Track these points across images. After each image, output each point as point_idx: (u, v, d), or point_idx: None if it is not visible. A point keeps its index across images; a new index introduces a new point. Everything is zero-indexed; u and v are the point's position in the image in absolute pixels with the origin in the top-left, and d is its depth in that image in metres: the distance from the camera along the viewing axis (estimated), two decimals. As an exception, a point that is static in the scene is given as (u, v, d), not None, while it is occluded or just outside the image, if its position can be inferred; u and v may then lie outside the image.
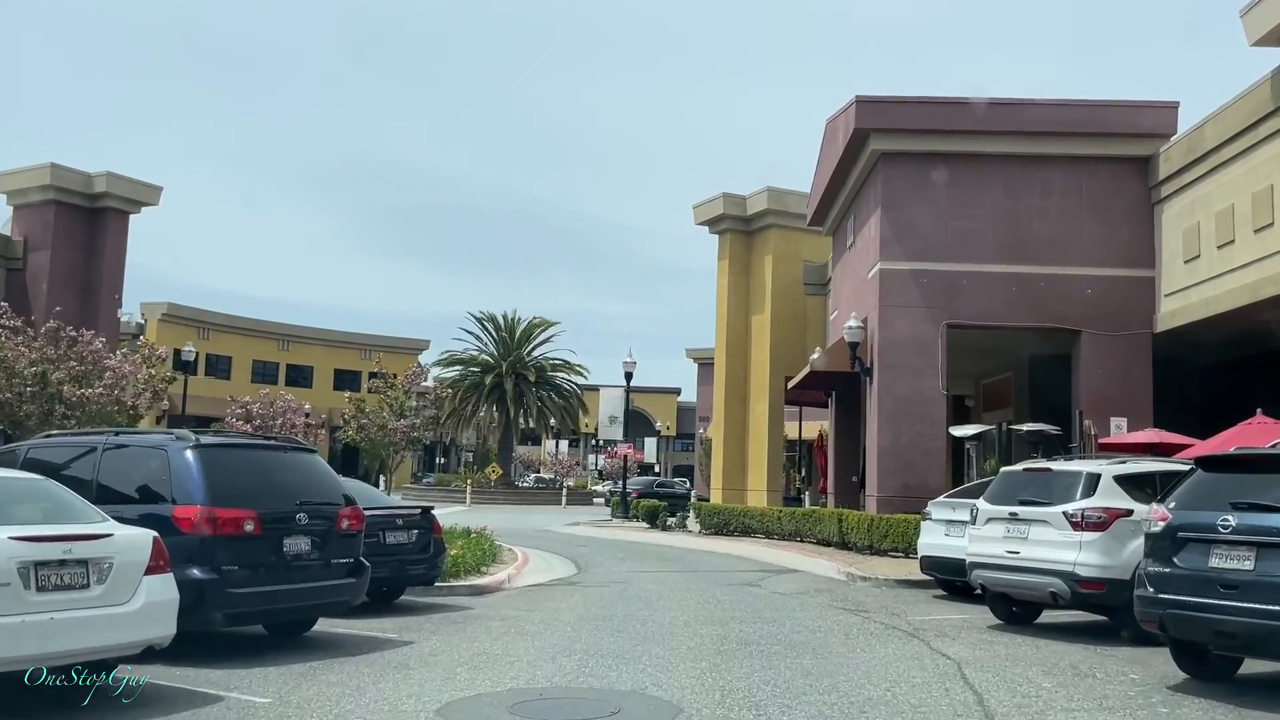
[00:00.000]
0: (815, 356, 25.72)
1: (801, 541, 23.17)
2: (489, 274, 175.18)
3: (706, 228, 34.25)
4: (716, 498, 32.80)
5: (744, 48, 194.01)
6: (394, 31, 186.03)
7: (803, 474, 34.74)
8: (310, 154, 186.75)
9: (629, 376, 33.69)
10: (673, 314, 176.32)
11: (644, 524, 28.96)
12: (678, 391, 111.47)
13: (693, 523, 26.86)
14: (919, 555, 14.36)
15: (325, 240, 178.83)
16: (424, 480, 61.99)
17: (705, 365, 74.24)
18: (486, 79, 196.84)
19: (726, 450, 32.80)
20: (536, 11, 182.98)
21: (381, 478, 57.04)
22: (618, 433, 33.83)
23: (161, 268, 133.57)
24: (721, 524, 25.59)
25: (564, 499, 47.48)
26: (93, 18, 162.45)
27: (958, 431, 19.94)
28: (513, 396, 50.19)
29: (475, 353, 52.99)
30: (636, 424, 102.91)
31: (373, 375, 31.38)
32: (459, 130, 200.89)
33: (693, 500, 34.03)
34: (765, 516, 24.43)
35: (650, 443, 71.18)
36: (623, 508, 33.25)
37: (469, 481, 47.28)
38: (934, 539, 13.93)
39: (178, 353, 63.35)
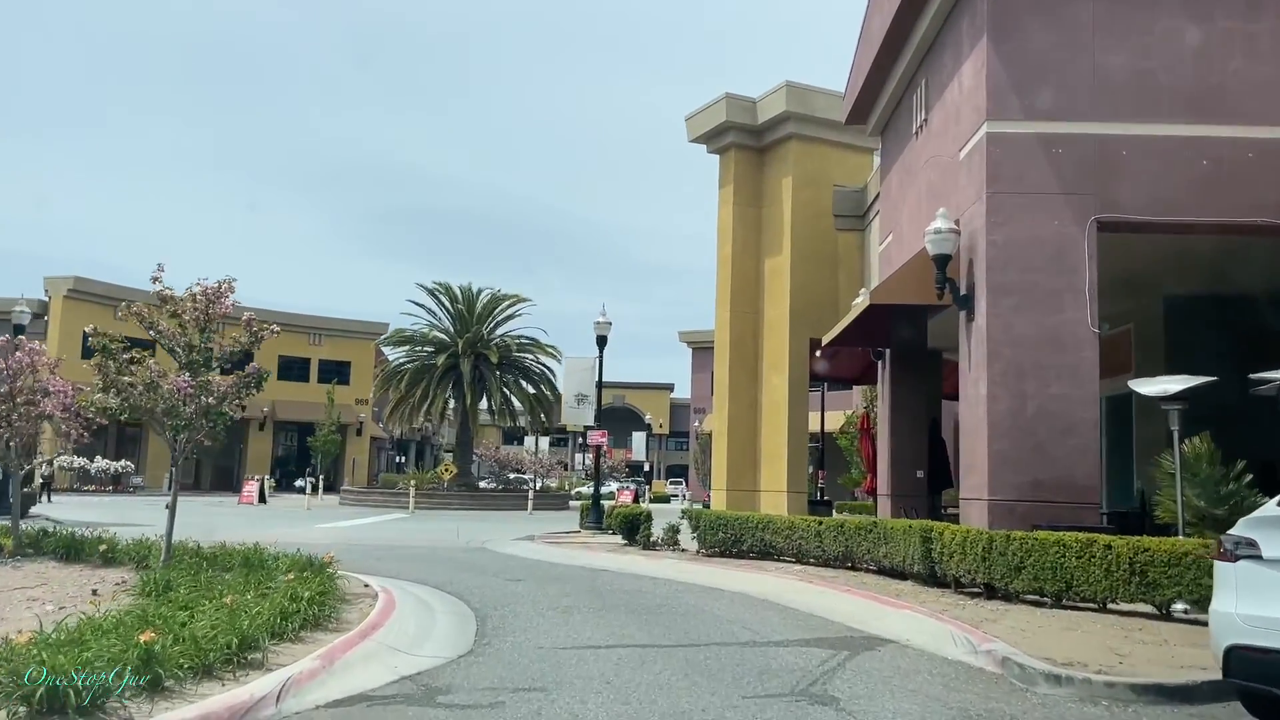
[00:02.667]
0: (869, 291, 17.69)
1: (855, 569, 15.15)
2: (484, 274, 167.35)
3: (704, 146, 26.09)
4: (720, 502, 24.64)
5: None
6: (391, 36, 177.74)
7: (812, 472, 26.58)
8: (306, 155, 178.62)
9: (602, 342, 25.51)
10: (669, 315, 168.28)
11: (619, 539, 20.79)
12: (670, 388, 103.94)
13: (688, 537, 18.72)
14: (1222, 643, 6.13)
15: (318, 241, 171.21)
16: (378, 482, 53.75)
17: (702, 350, 66.16)
18: (485, 81, 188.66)
19: (732, 439, 24.63)
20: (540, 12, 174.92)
21: (312, 479, 48.78)
22: (587, 415, 25.64)
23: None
24: (730, 541, 17.46)
25: (529, 503, 39.25)
26: (97, 22, 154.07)
27: (1145, 388, 11.74)
28: (470, 381, 41.88)
29: (426, 329, 44.62)
30: (626, 421, 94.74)
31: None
32: (454, 132, 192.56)
33: (686, 505, 25.48)
34: (797, 531, 16.29)
35: (639, 438, 62.86)
36: (594, 515, 25.08)
37: (414, 483, 38.98)
38: (1267, 605, 5.78)
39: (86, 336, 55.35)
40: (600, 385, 25.60)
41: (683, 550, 19.01)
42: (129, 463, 52.15)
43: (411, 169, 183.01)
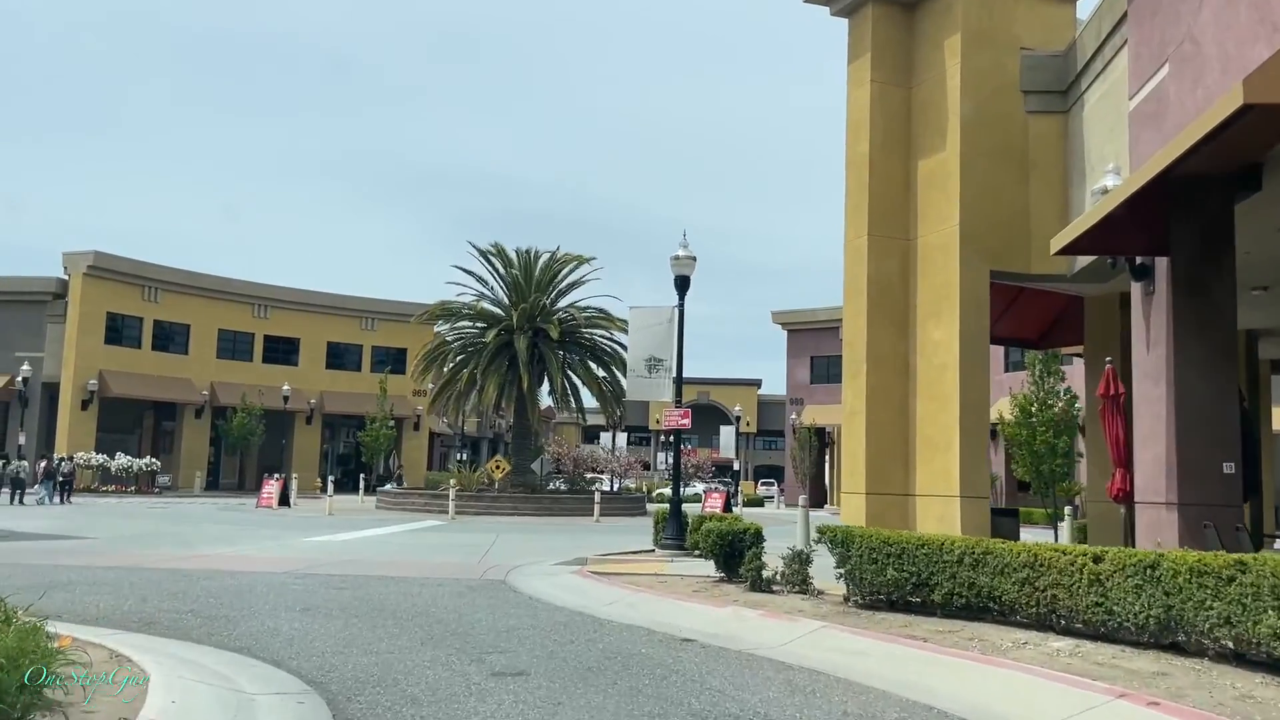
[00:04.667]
0: (1115, 171, 10.03)
1: (1185, 653, 7.43)
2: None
3: (825, 6, 18.42)
4: (854, 513, 16.94)
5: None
6: (474, 39, 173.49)
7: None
8: (391, 161, 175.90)
9: (682, 286, 18.14)
10: (756, 315, 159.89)
11: (711, 568, 13.37)
12: (758, 383, 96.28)
13: (826, 569, 11.24)
14: None
15: (404, 246, 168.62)
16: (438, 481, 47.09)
17: (798, 332, 58.20)
18: (569, 83, 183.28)
19: (873, 422, 16.92)
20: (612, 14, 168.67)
21: (365, 477, 42.20)
22: (662, 387, 18.15)
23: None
24: (908, 584, 9.97)
25: (596, 510, 31.94)
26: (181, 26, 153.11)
27: None
28: (528, 361, 34.77)
29: (475, 300, 37.60)
30: (710, 419, 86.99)
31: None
32: (537, 136, 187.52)
33: (781, 508, 17.52)
34: (1047, 570, 8.75)
35: (727, 433, 55.17)
36: (673, 528, 17.74)
37: (456, 484, 32.06)
38: None
39: (113, 318, 50.03)
40: (681, 346, 18.15)
41: (818, 594, 11.47)
42: (155, 460, 46.62)
43: (493, 172, 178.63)
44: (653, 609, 10.78)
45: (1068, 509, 27.10)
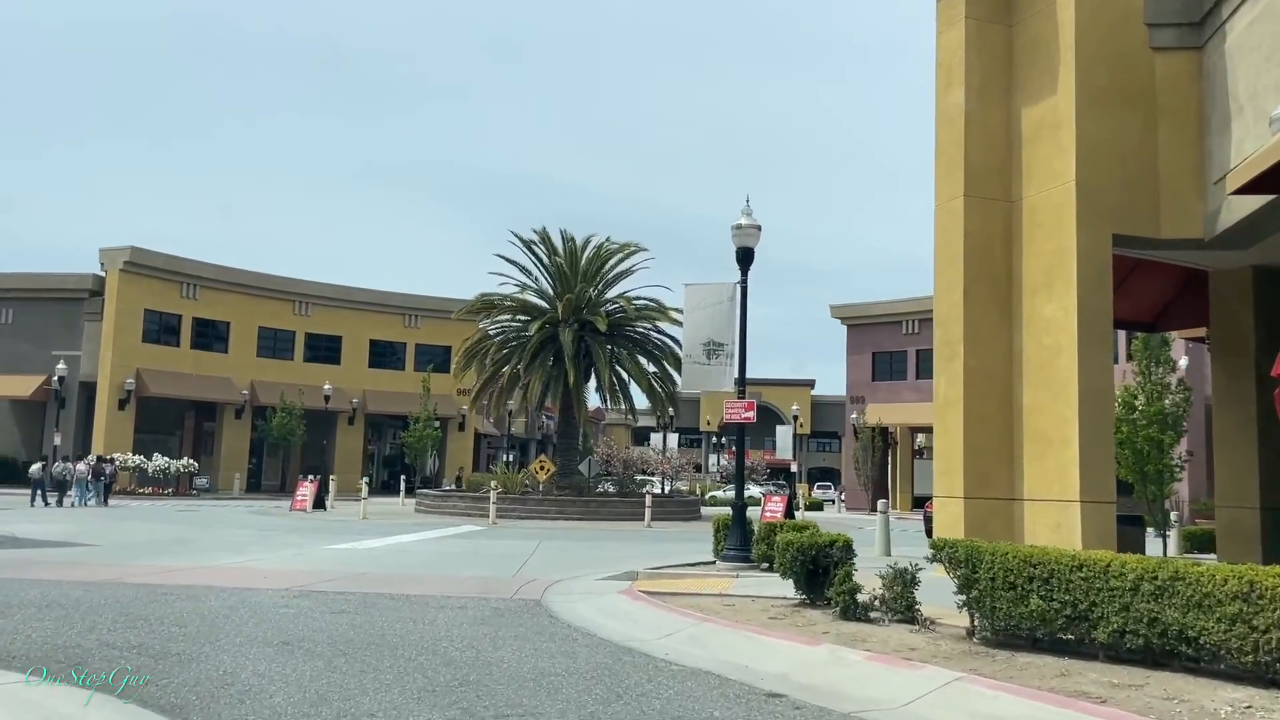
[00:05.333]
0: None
1: None
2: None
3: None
4: (952, 521, 14.42)
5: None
6: (531, 42, 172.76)
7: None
8: (443, 164, 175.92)
9: (745, 259, 15.83)
10: (806, 316, 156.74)
11: (790, 588, 11.05)
12: (811, 384, 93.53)
13: (944, 593, 8.90)
14: None
15: (448, 249, 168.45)
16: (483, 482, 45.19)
17: (859, 326, 55.33)
18: (620, 87, 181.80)
19: (971, 415, 14.39)
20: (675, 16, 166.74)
21: (406, 479, 40.27)
22: (723, 377, 15.78)
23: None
24: (1057, 617, 7.62)
25: (647, 514, 29.63)
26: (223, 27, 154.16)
27: None
28: (573, 355, 32.59)
29: (517, 291, 35.44)
30: (762, 418, 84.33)
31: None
32: (584, 139, 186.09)
33: (875, 518, 14.76)
34: (1273, 603, 6.22)
35: (784, 433, 52.57)
36: (736, 537, 15.42)
37: (496, 486, 29.99)
38: None
39: (150, 315, 48.83)
40: (744, 328, 15.81)
41: (928, 624, 9.11)
42: (193, 461, 45.25)
43: (540, 175, 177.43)
44: (722, 644, 8.49)
45: (1173, 515, 24.31)
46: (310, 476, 35.13)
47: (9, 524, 23.07)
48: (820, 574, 10.42)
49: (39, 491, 34.36)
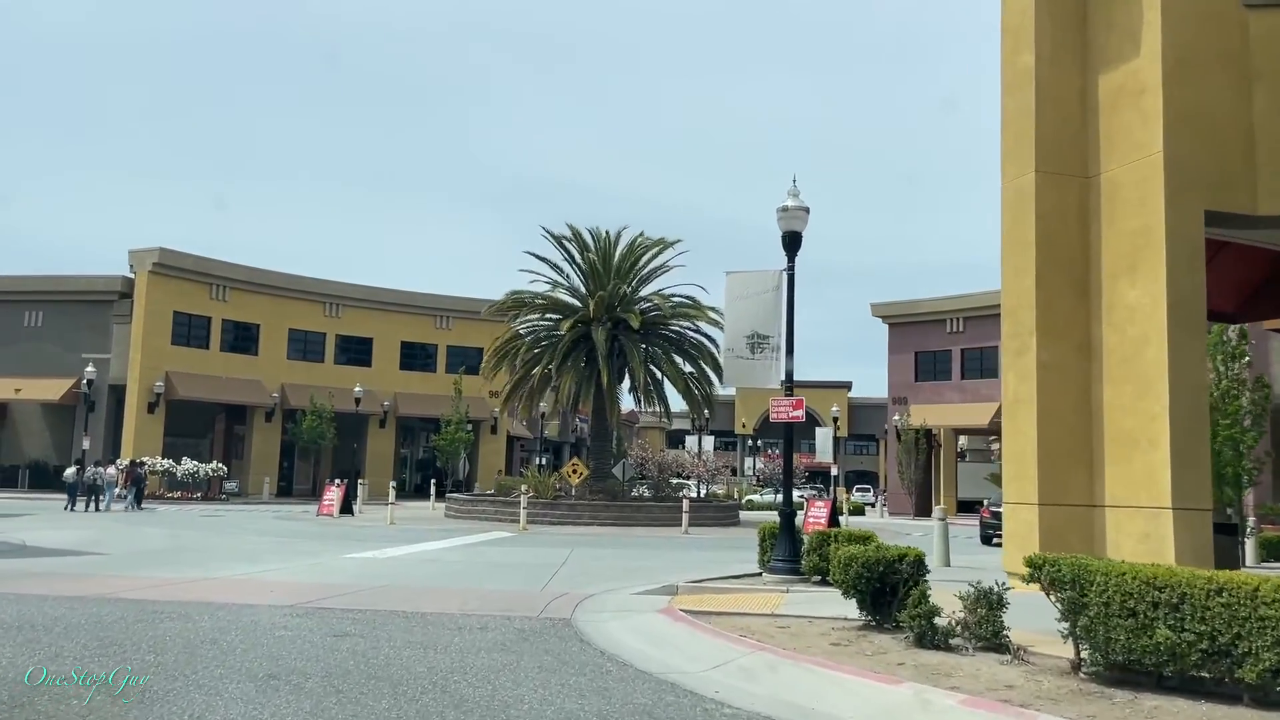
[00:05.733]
0: None
1: None
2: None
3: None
4: (1025, 529, 13.09)
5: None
6: (569, 48, 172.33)
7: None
8: (475, 168, 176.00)
9: (792, 244, 14.58)
10: (842, 318, 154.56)
11: (852, 608, 9.76)
12: (848, 386, 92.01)
13: (1031, 613, 7.58)
14: None
15: (489, 254, 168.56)
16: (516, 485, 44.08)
17: (901, 325, 53.67)
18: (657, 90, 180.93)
19: (1046, 413, 13.07)
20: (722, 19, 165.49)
21: (437, 483, 39.25)
22: (768, 372, 14.47)
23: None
24: (1202, 649, 6.20)
25: (684, 520, 28.35)
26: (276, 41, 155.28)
27: None
28: (606, 354, 31.41)
29: (548, 289, 34.32)
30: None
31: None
32: (625, 144, 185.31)
33: (933, 525, 13.37)
34: None
35: (823, 435, 50.91)
36: (785, 547, 14.14)
37: (527, 490, 28.90)
38: None
39: (180, 317, 48.25)
40: (792, 319, 14.53)
41: (1020, 653, 7.76)
42: (221, 465, 44.58)
43: (572, 180, 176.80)
44: (781, 680, 7.23)
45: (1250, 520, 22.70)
46: (337, 481, 34.22)
47: (26, 530, 22.31)
48: (887, 593, 9.13)
49: (73, 496, 33.82)
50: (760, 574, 14.23)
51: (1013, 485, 13.55)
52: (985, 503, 33.76)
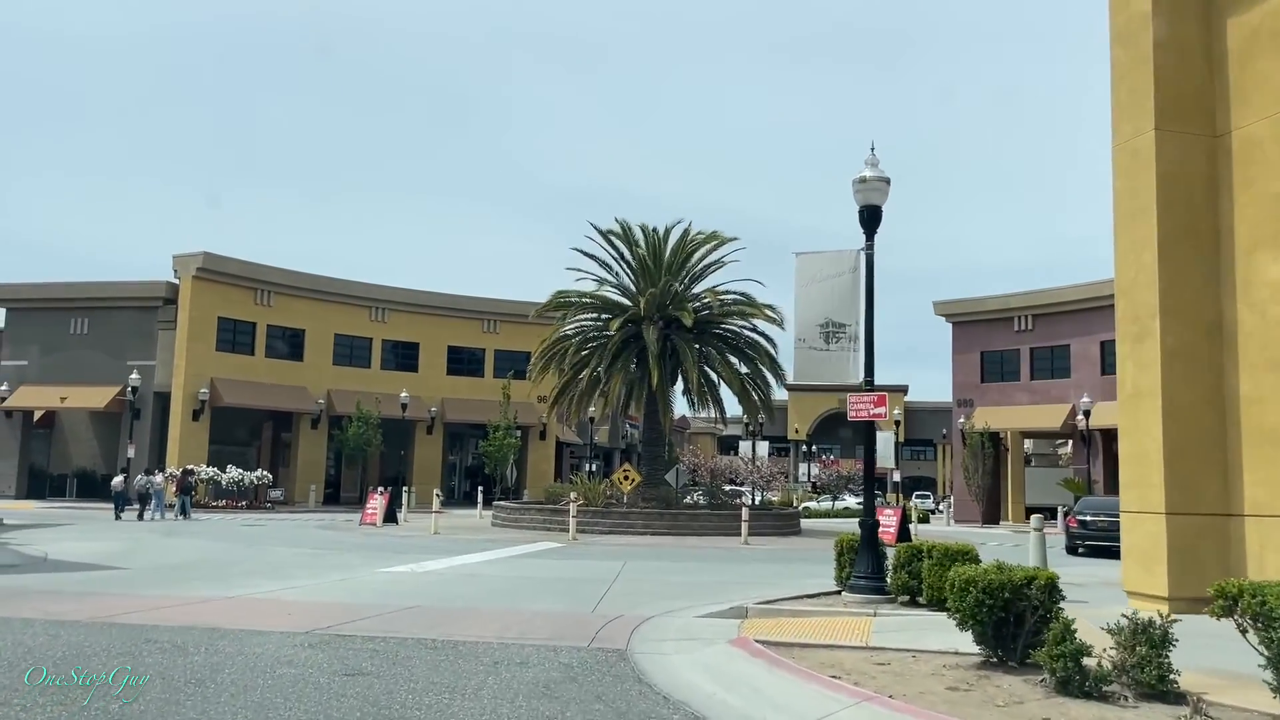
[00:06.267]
0: None
1: None
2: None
3: None
4: (1144, 538, 11.33)
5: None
6: (600, 51, 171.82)
7: None
8: (524, 176, 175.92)
9: (871, 219, 12.97)
10: (899, 322, 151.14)
11: (964, 642, 8.11)
12: (904, 389, 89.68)
13: (1188, 649, 5.89)
14: None
15: (537, 260, 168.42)
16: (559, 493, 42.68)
17: (965, 324, 51.37)
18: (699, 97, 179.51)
19: (1171, 409, 11.30)
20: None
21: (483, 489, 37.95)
22: (843, 365, 12.85)
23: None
24: None
25: (744, 529, 26.68)
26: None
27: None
28: (657, 355, 29.92)
29: (596, 287, 32.88)
30: (854, 425, 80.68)
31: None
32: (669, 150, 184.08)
33: (1030, 537, 11.52)
34: None
35: (885, 440, 48.94)
36: (867, 562, 12.49)
37: (577, 498, 27.48)
38: None
39: (224, 323, 47.66)
40: (871, 306, 12.90)
41: (1205, 710, 6.04)
42: (266, 473, 43.78)
43: (620, 186, 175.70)
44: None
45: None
46: (381, 489, 33.10)
47: (57, 541, 21.41)
48: (1011, 623, 7.50)
49: (120, 505, 33.19)
50: (839, 592, 12.60)
51: (1133, 492, 11.77)
52: (1065, 510, 31.68)
